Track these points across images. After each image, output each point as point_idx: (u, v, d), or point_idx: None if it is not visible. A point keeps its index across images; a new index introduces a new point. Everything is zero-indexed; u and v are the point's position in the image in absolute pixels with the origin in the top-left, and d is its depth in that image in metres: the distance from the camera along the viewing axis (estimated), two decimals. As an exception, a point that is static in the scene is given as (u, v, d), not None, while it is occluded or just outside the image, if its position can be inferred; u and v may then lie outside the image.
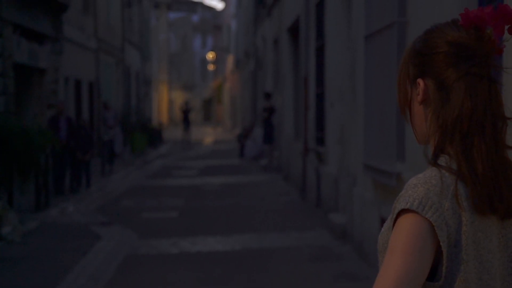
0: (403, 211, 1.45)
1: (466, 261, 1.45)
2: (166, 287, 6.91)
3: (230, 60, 46.72)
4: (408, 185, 1.49)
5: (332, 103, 10.10)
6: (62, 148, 13.15)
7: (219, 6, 60.36)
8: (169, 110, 55.38)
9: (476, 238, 1.47)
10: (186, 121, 32.99)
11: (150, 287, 6.89)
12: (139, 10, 34.12)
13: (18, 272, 7.55)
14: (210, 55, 58.56)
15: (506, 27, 1.53)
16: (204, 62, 63.08)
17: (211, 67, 62.51)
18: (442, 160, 1.51)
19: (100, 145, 18.94)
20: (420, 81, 1.56)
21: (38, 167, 10.26)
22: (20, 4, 14.56)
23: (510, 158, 1.54)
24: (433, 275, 1.47)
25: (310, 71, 12.22)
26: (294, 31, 14.85)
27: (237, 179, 16.44)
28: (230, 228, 9.89)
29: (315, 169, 11.42)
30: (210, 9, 65.33)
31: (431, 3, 5.66)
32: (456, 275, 1.45)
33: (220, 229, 9.86)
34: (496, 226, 1.51)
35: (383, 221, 6.33)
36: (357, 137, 8.04)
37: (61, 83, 18.24)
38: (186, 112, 33.64)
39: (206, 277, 7.23)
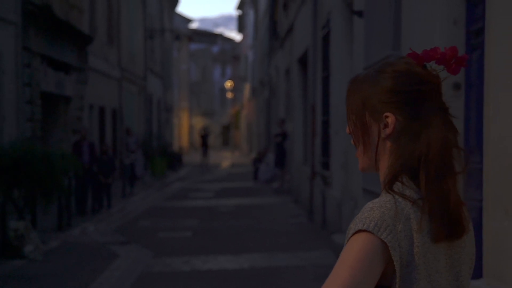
0: (358, 231, 1.49)
1: (418, 280, 1.49)
2: (176, 303, 6.95)
3: (247, 89, 46.94)
4: (365, 208, 1.53)
5: (337, 130, 10.16)
6: (84, 171, 13.28)
7: (238, 38, 60.71)
8: (190, 135, 55.60)
9: (426, 259, 1.51)
10: (204, 146, 33.19)
11: (160, 304, 6.93)
12: (161, 42, 34.45)
13: (38, 288, 7.62)
14: (229, 84, 58.86)
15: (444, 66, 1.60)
16: (223, 90, 63.39)
17: (229, 95, 62.79)
18: (396, 186, 1.55)
19: (122, 168, 19.07)
20: (390, 115, 1.57)
21: (60, 190, 10.37)
22: (48, 37, 14.82)
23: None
24: None
25: (317, 100, 12.30)
26: (303, 62, 14.97)
27: (250, 201, 16.47)
28: (240, 248, 9.91)
29: (321, 192, 11.45)
30: (229, 40, 65.74)
31: (422, 38, 5.74)
32: None
33: (231, 248, 9.89)
34: (444, 248, 1.56)
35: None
36: (358, 163, 8.06)
37: (86, 110, 18.46)
38: (204, 137, 33.86)
39: (214, 294, 7.26)
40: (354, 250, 1.47)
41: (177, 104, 46.01)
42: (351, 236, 1.50)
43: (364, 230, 1.47)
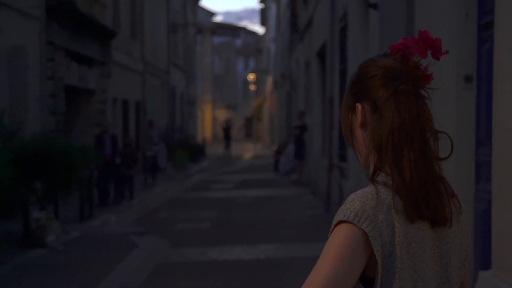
0: (340, 222, 1.48)
1: (400, 269, 1.47)
2: (191, 293, 6.96)
3: (269, 81, 46.88)
4: (347, 200, 1.52)
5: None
6: (106, 163, 13.35)
7: (261, 31, 60.62)
8: (213, 127, 55.72)
9: (410, 249, 1.49)
10: (227, 138, 33.29)
11: (176, 293, 6.95)
12: (185, 35, 34.48)
13: (58, 277, 7.68)
14: (251, 77, 58.82)
15: (429, 52, 1.57)
16: (246, 83, 63.36)
17: (252, 88, 62.76)
18: (380, 177, 1.54)
19: (144, 160, 19.15)
20: (358, 105, 1.59)
21: (79, 182, 10.43)
22: (71, 31, 14.90)
23: (440, 170, 1.56)
24: (371, 283, 1.49)
25: (335, 93, 12.22)
26: (322, 55, 14.88)
27: (269, 193, 16.45)
28: (257, 239, 9.90)
29: (338, 184, 11.39)
30: (252, 33, 65.65)
31: (435, 30, 5.65)
32: (392, 283, 1.47)
33: (248, 239, 9.88)
34: (431, 238, 1.53)
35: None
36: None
37: (109, 103, 18.55)
38: (226, 129, 33.96)
39: (229, 283, 7.26)
40: (336, 242, 1.46)
41: (201, 97, 46.10)
42: (333, 228, 1.49)
43: (345, 221, 1.46)
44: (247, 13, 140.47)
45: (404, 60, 1.57)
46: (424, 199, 1.50)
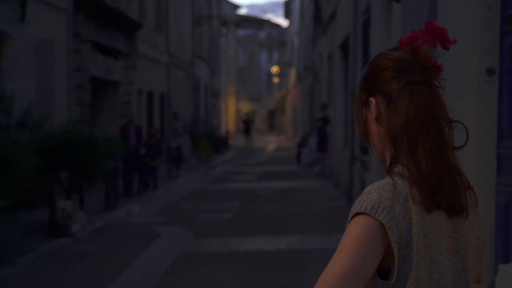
0: (357, 214, 1.47)
1: (417, 260, 1.46)
2: (212, 282, 6.98)
3: (292, 74, 46.75)
4: (364, 192, 1.52)
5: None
6: (131, 154, 13.43)
7: (285, 23, 60.45)
8: (237, 119, 55.77)
9: (427, 240, 1.48)
10: (247, 130, 33.48)
11: (197, 283, 6.97)
12: (209, 28, 34.50)
13: (82, 265, 7.75)
14: (275, 69, 58.73)
15: (437, 42, 1.56)
16: (270, 75, 63.29)
17: (275, 80, 62.67)
18: (396, 169, 1.53)
19: (169, 151, 19.23)
20: (372, 99, 1.59)
21: (105, 172, 10.51)
22: (97, 23, 14.98)
23: (456, 160, 1.56)
24: (387, 274, 1.48)
25: (357, 85, 12.13)
26: (344, 47, 14.79)
27: (291, 184, 16.43)
28: (278, 230, 9.90)
29: (360, 176, 11.34)
30: (276, 26, 65.51)
31: (457, 23, 5.58)
32: (408, 274, 1.46)
33: (269, 230, 9.89)
34: (447, 230, 1.53)
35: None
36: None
37: (134, 95, 18.64)
38: (247, 122, 34.13)
39: (250, 273, 7.27)
40: (353, 234, 1.46)
41: (224, 89, 46.15)
42: (350, 220, 1.48)
43: (362, 213, 1.46)
44: (271, 6, 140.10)
45: (414, 52, 1.57)
46: (440, 188, 1.50)
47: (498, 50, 5.12)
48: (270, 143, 42.35)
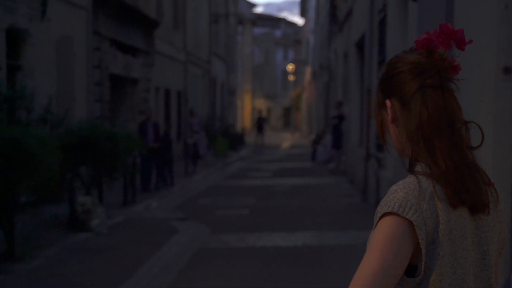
0: (384, 214, 1.49)
1: (441, 256, 1.48)
2: (229, 277, 7.02)
3: (308, 72, 46.70)
4: (390, 191, 1.53)
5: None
6: (149, 150, 13.49)
7: (300, 22, 60.35)
8: (252, 117, 55.81)
9: (452, 236, 1.50)
10: (259, 128, 33.87)
11: (215, 277, 7.01)
12: (226, 26, 34.54)
13: (102, 260, 7.82)
14: (290, 67, 58.69)
15: (453, 43, 1.57)
16: (285, 73, 63.25)
17: (291, 78, 62.62)
18: (419, 167, 1.55)
19: (185, 148, 19.29)
20: (387, 101, 1.62)
21: (124, 168, 10.57)
22: (117, 21, 15.06)
23: (475, 159, 1.58)
24: (413, 271, 1.50)
25: (373, 83, 12.12)
26: (360, 46, 14.76)
27: (306, 181, 16.44)
28: (294, 226, 9.92)
29: (375, 173, 11.33)
30: (292, 24, 65.43)
31: (474, 22, 5.56)
32: (432, 269, 1.48)
33: (285, 226, 9.90)
34: (470, 226, 1.54)
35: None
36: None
37: (152, 92, 18.72)
38: (259, 120, 34.57)
39: (266, 269, 7.30)
40: (382, 234, 1.47)
41: (240, 87, 46.19)
42: (378, 220, 1.50)
43: (390, 213, 1.47)
44: (287, 4, 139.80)
45: (430, 54, 1.58)
46: (462, 186, 1.52)
47: (515, 49, 5.09)
48: (285, 140, 42.33)
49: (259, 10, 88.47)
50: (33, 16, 10.92)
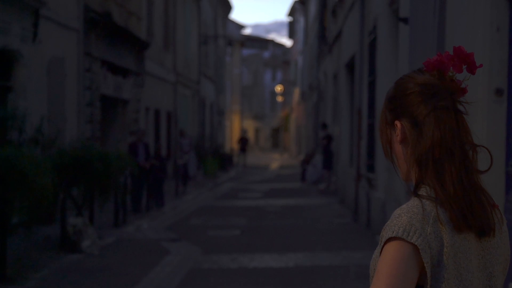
0: (389, 239, 1.49)
1: (447, 279, 1.48)
2: (223, 299, 6.98)
3: (296, 93, 46.87)
4: (393, 215, 1.52)
5: (382, 133, 10.04)
6: (140, 171, 13.44)
7: (288, 43, 60.67)
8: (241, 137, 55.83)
9: (457, 259, 1.50)
10: (242, 148, 34.60)
11: (208, 299, 6.97)
12: (215, 47, 34.67)
13: (94, 281, 7.75)
14: (279, 88, 58.90)
15: (464, 66, 1.58)
16: (273, 94, 63.46)
17: (279, 99, 62.80)
18: (423, 190, 1.55)
19: (175, 168, 19.25)
20: (397, 122, 1.61)
21: (116, 188, 10.53)
22: (108, 42, 15.09)
23: (481, 183, 1.58)
24: None
25: (363, 104, 12.19)
26: (350, 67, 14.86)
27: (296, 202, 16.43)
28: (286, 247, 9.89)
29: (366, 193, 11.35)
30: (280, 46, 65.77)
31: (466, 44, 5.63)
32: None
33: (277, 247, 9.88)
34: (475, 248, 1.55)
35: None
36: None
37: (142, 112, 18.71)
38: (242, 140, 35.16)
39: (260, 291, 7.27)
40: (388, 259, 1.47)
41: (229, 107, 46.26)
42: (383, 245, 1.50)
43: (395, 237, 1.47)
44: (276, 26, 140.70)
45: (441, 76, 1.59)
46: (469, 210, 1.52)
47: (506, 71, 5.16)
48: (274, 160, 42.34)
49: (247, 31, 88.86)
50: (25, 37, 10.92)
